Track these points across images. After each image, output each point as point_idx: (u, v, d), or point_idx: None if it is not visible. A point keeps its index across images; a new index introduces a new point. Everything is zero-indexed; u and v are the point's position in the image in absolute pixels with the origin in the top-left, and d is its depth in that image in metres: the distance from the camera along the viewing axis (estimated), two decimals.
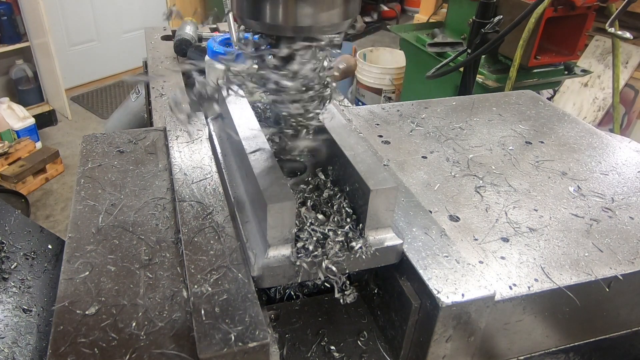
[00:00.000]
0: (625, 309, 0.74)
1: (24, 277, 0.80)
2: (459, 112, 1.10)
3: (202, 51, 1.35)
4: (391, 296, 0.66)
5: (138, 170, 0.82)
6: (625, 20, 3.40)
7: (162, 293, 0.60)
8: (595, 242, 0.73)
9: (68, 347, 0.53)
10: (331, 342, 0.68)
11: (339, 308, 0.73)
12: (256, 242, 0.62)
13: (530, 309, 0.65)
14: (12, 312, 0.74)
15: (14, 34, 3.73)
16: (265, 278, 0.60)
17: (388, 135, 0.99)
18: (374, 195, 0.61)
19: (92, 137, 0.91)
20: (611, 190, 0.85)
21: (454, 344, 0.62)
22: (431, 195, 0.81)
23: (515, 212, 0.78)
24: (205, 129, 0.88)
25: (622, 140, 1.14)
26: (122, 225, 0.70)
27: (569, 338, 0.73)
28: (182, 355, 0.52)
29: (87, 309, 0.57)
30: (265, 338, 0.52)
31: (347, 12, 0.62)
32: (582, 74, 2.57)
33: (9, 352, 0.69)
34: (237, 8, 0.62)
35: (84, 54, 4.58)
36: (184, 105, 0.61)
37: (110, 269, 0.63)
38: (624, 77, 3.43)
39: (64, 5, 4.27)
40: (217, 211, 0.69)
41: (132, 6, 4.77)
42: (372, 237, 0.63)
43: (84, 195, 0.76)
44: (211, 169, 0.77)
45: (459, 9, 2.73)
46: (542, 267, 0.68)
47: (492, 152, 0.95)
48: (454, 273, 0.61)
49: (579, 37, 2.29)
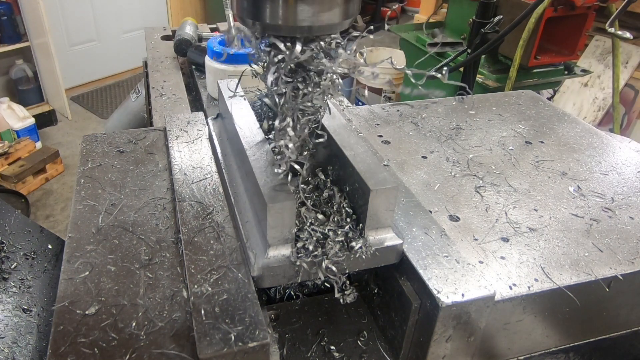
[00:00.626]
0: (625, 309, 0.74)
1: (24, 277, 0.80)
2: (459, 112, 1.10)
3: (202, 51, 1.35)
4: (391, 296, 0.66)
5: (138, 170, 0.82)
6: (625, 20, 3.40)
7: (162, 293, 0.60)
8: (595, 242, 0.73)
9: (68, 347, 0.53)
10: (331, 342, 0.68)
11: (339, 308, 0.73)
12: (256, 242, 0.62)
13: (530, 309, 0.65)
14: (12, 312, 0.74)
15: (14, 34, 3.73)
16: (265, 278, 0.60)
17: (388, 135, 0.99)
18: (374, 195, 0.61)
19: (92, 137, 0.91)
20: (611, 190, 0.85)
21: (454, 344, 0.62)
22: (431, 195, 0.81)
23: (515, 212, 0.78)
24: (205, 128, 0.88)
25: (622, 140, 1.14)
26: (122, 225, 0.70)
27: (569, 338, 0.73)
28: (182, 355, 0.52)
29: (87, 309, 0.57)
30: (265, 338, 0.52)
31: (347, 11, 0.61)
32: (582, 74, 2.57)
33: (9, 352, 0.69)
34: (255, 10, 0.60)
35: (84, 54, 4.58)
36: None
37: (110, 269, 0.63)
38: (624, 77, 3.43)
39: (64, 5, 4.27)
40: (217, 211, 0.69)
41: (132, 6, 4.77)
42: (372, 237, 0.63)
43: (84, 195, 0.76)
44: (211, 169, 0.77)
45: (459, 9, 2.73)
46: (542, 267, 0.68)
47: (492, 152, 0.95)
48: (454, 273, 0.61)
49: (579, 37, 2.29)
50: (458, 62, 1.93)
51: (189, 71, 1.44)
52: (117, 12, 4.68)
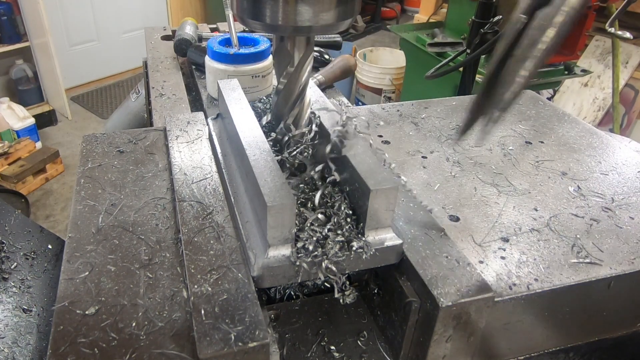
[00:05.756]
0: (625, 309, 0.74)
1: (24, 277, 0.80)
2: (459, 112, 1.10)
3: (202, 51, 1.35)
4: (391, 296, 0.66)
5: (138, 170, 0.82)
6: (625, 20, 3.40)
7: (162, 293, 0.60)
8: (595, 242, 0.73)
9: (68, 347, 0.53)
10: (331, 342, 0.68)
11: (339, 308, 0.73)
12: (256, 242, 0.62)
13: (530, 309, 0.65)
14: (12, 312, 0.74)
15: (14, 34, 3.74)
16: (265, 278, 0.60)
17: (388, 135, 0.99)
18: (374, 195, 0.61)
19: (92, 137, 0.91)
20: (611, 190, 0.85)
21: (454, 344, 0.62)
22: (431, 195, 0.81)
23: (515, 212, 0.78)
24: (205, 128, 0.88)
25: (622, 140, 1.14)
26: (122, 225, 0.70)
27: (569, 338, 0.73)
28: (182, 355, 0.52)
29: (87, 309, 0.57)
30: (265, 338, 0.52)
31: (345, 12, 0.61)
32: (582, 74, 2.57)
33: (9, 352, 0.69)
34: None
35: (84, 54, 4.58)
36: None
37: (110, 269, 0.63)
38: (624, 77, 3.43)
39: (64, 5, 4.27)
40: (217, 211, 0.69)
41: (132, 6, 4.77)
42: (372, 237, 0.63)
43: (84, 195, 0.76)
44: (211, 169, 0.77)
45: (459, 9, 2.74)
46: (542, 267, 0.68)
47: (492, 152, 0.95)
48: (454, 273, 0.61)
49: (579, 37, 2.29)
50: (458, 62, 1.93)
51: (189, 71, 1.44)
52: (117, 12, 4.68)
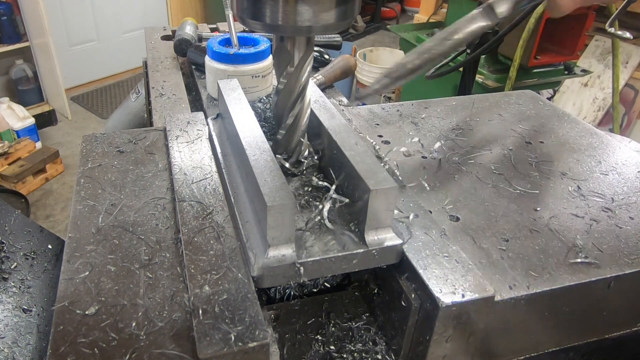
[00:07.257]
0: (626, 309, 0.74)
1: (24, 277, 0.80)
2: (459, 112, 1.10)
3: (202, 51, 1.35)
4: (391, 296, 0.66)
5: (138, 170, 0.82)
6: (625, 20, 3.40)
7: (162, 293, 0.60)
8: (595, 242, 0.73)
9: (68, 347, 0.53)
10: (331, 342, 0.68)
11: (339, 308, 0.73)
12: (256, 242, 0.62)
13: (530, 309, 0.65)
14: (12, 312, 0.74)
15: (14, 34, 3.74)
16: (265, 278, 0.60)
17: (388, 135, 0.99)
18: (374, 195, 0.61)
19: (92, 137, 0.91)
20: (611, 190, 0.85)
21: (454, 344, 0.62)
22: (431, 195, 0.81)
23: (515, 212, 0.78)
24: (205, 128, 0.88)
25: (622, 140, 1.14)
26: (122, 225, 0.70)
27: (569, 338, 0.73)
28: (182, 355, 0.52)
29: (87, 309, 0.57)
30: (265, 338, 0.52)
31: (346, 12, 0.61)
32: (582, 74, 2.57)
33: (9, 352, 0.69)
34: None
35: (84, 54, 4.58)
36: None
37: (110, 269, 0.63)
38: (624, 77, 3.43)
39: (64, 5, 4.27)
40: (217, 211, 0.69)
41: (132, 6, 4.77)
42: (372, 237, 0.63)
43: (83, 195, 0.76)
44: (211, 169, 0.77)
45: (459, 9, 2.74)
46: (542, 267, 0.68)
47: (492, 152, 0.95)
48: (454, 273, 0.61)
49: (579, 37, 2.29)
50: (458, 62, 1.93)
51: (189, 71, 1.44)
52: (117, 12, 4.68)
